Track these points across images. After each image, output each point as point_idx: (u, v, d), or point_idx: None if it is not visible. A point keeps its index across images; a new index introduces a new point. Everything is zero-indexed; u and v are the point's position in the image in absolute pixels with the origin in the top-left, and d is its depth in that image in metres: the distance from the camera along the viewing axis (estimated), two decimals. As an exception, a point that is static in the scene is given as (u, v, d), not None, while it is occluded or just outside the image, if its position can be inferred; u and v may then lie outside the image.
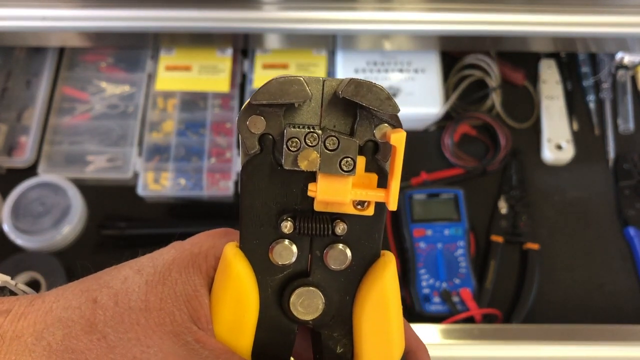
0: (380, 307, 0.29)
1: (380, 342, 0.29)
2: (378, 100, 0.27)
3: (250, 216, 0.29)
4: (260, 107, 0.27)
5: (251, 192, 0.29)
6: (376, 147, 0.28)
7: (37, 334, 0.27)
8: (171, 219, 0.84)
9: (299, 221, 0.28)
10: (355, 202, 0.29)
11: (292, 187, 0.29)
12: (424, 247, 0.80)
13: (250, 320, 0.29)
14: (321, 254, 0.29)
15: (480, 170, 0.86)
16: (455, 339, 0.69)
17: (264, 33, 0.86)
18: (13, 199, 0.80)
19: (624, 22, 0.81)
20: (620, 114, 0.91)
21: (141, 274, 0.29)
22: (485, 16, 0.81)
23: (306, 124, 0.28)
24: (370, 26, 0.82)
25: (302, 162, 0.27)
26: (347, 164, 0.27)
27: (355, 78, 0.27)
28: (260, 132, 0.28)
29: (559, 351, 0.69)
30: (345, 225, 0.29)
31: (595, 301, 0.80)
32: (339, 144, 0.27)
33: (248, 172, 0.29)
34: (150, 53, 0.93)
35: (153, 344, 0.27)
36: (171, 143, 0.87)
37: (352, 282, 0.30)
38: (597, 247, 0.83)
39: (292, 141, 0.27)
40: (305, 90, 0.27)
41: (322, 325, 0.30)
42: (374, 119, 0.28)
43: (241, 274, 0.28)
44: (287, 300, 0.29)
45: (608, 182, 0.87)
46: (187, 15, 0.81)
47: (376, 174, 0.28)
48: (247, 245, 0.29)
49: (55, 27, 0.82)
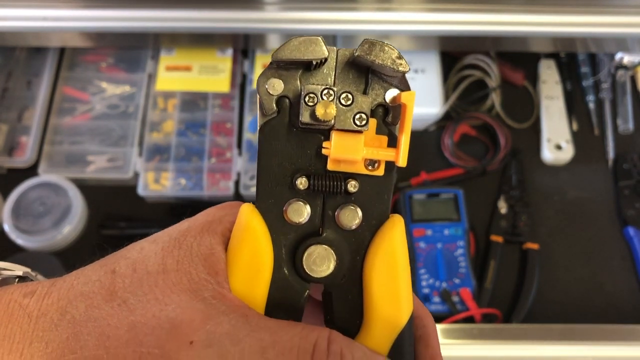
0: (389, 266, 0.30)
1: (390, 301, 0.29)
2: (390, 59, 0.28)
3: (266, 176, 0.30)
4: (280, 68, 0.29)
5: (268, 153, 0.30)
6: (386, 112, 0.30)
7: (61, 310, 0.28)
8: (171, 219, 0.84)
9: (313, 179, 0.30)
10: (366, 162, 0.30)
11: (307, 148, 0.30)
12: (424, 247, 0.80)
13: (264, 276, 0.29)
14: (333, 214, 0.30)
15: (480, 170, 0.86)
16: (455, 339, 0.70)
17: (265, 33, 0.86)
18: (14, 199, 0.80)
19: (624, 22, 0.81)
20: (619, 114, 0.91)
21: (157, 243, 0.30)
22: (485, 16, 0.81)
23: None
24: (370, 26, 0.82)
25: (320, 111, 0.28)
26: (360, 118, 0.29)
27: (369, 38, 0.29)
28: (278, 94, 0.30)
29: (558, 351, 0.69)
30: (357, 183, 0.30)
31: (595, 301, 0.80)
32: (353, 99, 0.29)
33: (265, 133, 0.30)
34: (150, 53, 0.93)
35: (171, 302, 0.27)
36: (171, 143, 0.87)
37: (363, 242, 0.30)
38: (597, 247, 0.83)
39: (310, 96, 0.29)
40: (323, 49, 0.29)
41: (333, 285, 0.30)
42: (384, 83, 0.30)
43: (257, 230, 0.29)
44: (300, 258, 0.30)
45: (607, 182, 0.87)
46: (188, 15, 0.81)
47: (386, 136, 0.30)
48: (262, 204, 0.30)
49: (55, 27, 0.82)
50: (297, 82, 0.30)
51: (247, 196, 0.84)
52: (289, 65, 0.29)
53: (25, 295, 0.29)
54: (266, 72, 0.30)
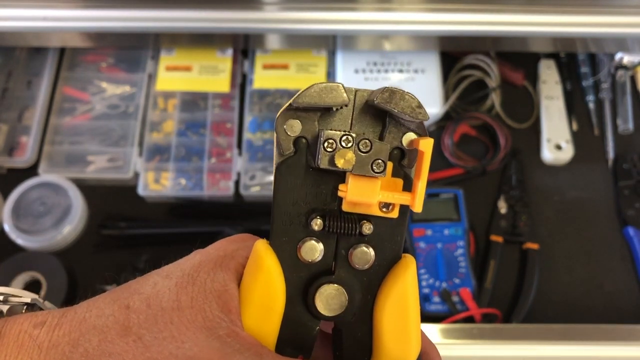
0: (400, 307, 0.30)
1: (399, 341, 0.30)
2: (410, 108, 0.29)
3: (281, 214, 0.31)
4: (298, 110, 0.30)
5: (283, 192, 0.31)
6: (402, 155, 0.30)
7: (73, 342, 0.28)
8: (171, 219, 0.84)
9: (328, 220, 0.30)
10: (380, 205, 0.30)
11: (322, 189, 0.31)
12: (424, 247, 0.80)
13: (277, 314, 0.30)
14: (346, 254, 0.31)
15: (480, 170, 0.86)
16: (455, 339, 0.70)
17: (265, 33, 0.86)
18: (14, 199, 0.80)
19: (624, 22, 0.81)
20: (619, 114, 0.91)
21: (170, 278, 0.30)
22: (485, 16, 0.81)
23: (338, 129, 0.30)
24: (370, 26, 0.82)
25: (339, 160, 0.28)
26: (378, 165, 0.29)
27: (389, 87, 0.29)
28: (296, 135, 0.30)
29: (558, 351, 0.69)
30: (371, 225, 0.30)
31: (595, 301, 0.80)
32: (371, 146, 0.29)
33: (282, 172, 0.30)
34: (150, 53, 0.93)
35: (187, 339, 0.27)
36: (171, 143, 0.87)
37: (374, 282, 0.31)
38: (597, 247, 0.83)
39: (329, 142, 0.29)
40: (343, 96, 0.29)
41: (343, 323, 0.31)
42: (402, 127, 0.30)
43: (271, 268, 0.30)
44: (312, 296, 0.30)
45: (607, 182, 0.87)
46: (188, 15, 0.81)
47: (402, 179, 0.30)
48: (276, 241, 0.31)
49: (55, 27, 0.82)
50: (315, 124, 0.30)
51: (247, 196, 0.84)
52: (308, 109, 0.30)
53: (35, 325, 0.29)
54: (285, 113, 0.30)
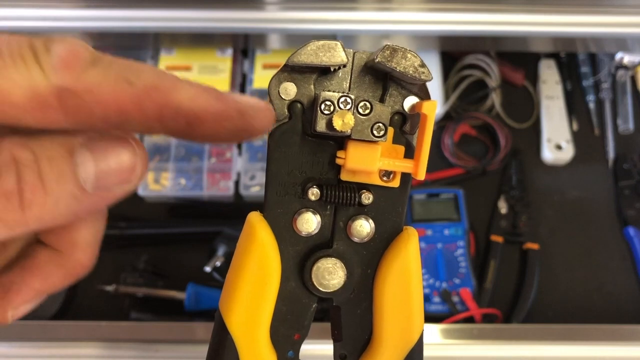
0: (402, 281, 0.28)
1: (401, 318, 0.28)
2: (412, 67, 0.27)
3: (275, 184, 0.29)
4: (293, 71, 0.28)
5: (278, 160, 0.29)
6: (403, 120, 0.28)
7: None
8: (171, 219, 0.84)
9: (326, 190, 0.28)
10: (381, 173, 0.29)
11: (319, 157, 0.29)
12: (424, 247, 0.80)
13: (271, 289, 0.28)
14: (344, 226, 0.29)
15: (480, 170, 0.86)
16: (455, 339, 0.69)
17: (265, 33, 0.86)
18: (13, 198, 0.80)
19: (624, 22, 0.81)
20: (619, 114, 0.91)
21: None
22: (485, 16, 0.81)
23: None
24: (370, 26, 0.82)
25: (337, 122, 0.26)
26: (378, 129, 0.27)
27: (391, 44, 0.27)
28: (291, 98, 0.28)
29: (558, 351, 0.69)
30: (371, 195, 0.29)
31: (595, 301, 0.80)
32: (371, 109, 0.27)
33: (275, 139, 0.28)
34: (150, 53, 0.93)
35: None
36: (171, 143, 0.87)
37: (374, 255, 0.29)
38: (597, 247, 0.83)
39: (326, 104, 0.27)
40: (341, 54, 0.27)
41: (342, 300, 0.29)
42: (403, 90, 0.28)
43: (265, 241, 0.28)
44: (309, 271, 0.29)
45: (608, 182, 0.87)
46: (187, 15, 0.81)
47: (403, 146, 0.28)
48: (270, 213, 0.29)
49: (55, 27, 0.82)
50: (311, 87, 0.28)
51: (247, 196, 0.84)
52: (304, 69, 0.28)
53: None
54: (279, 75, 0.28)
